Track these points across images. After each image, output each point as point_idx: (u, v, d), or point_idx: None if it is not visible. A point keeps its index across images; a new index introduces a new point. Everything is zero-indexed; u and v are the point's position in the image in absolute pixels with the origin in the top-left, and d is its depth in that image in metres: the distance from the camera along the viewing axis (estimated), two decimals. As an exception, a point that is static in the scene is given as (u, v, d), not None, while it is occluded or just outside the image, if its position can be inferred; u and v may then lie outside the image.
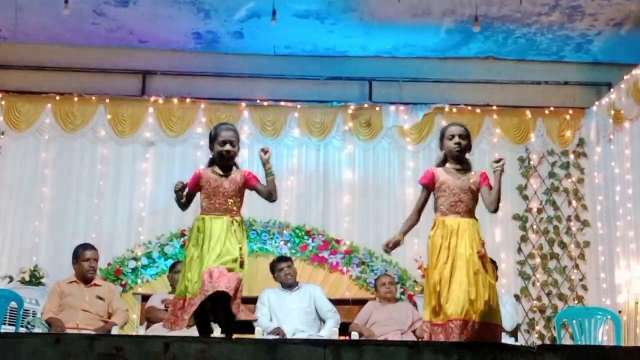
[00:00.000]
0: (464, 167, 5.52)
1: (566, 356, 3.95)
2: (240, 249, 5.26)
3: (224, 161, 5.50)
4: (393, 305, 8.06)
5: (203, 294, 5.03)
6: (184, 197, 5.52)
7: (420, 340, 7.54)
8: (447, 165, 5.54)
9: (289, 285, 7.92)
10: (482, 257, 5.20)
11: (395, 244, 5.44)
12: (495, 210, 5.40)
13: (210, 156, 5.60)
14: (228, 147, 5.46)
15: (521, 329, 9.14)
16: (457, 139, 5.53)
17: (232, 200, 5.41)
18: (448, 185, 5.38)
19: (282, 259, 8.22)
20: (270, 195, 5.61)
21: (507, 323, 7.34)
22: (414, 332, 7.85)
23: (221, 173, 5.47)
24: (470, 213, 5.35)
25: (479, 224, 5.39)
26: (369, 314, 7.98)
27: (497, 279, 5.38)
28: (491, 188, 5.42)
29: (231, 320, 5.14)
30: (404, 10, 8.91)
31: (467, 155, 5.66)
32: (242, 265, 5.23)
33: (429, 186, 5.47)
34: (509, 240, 9.67)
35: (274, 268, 8.03)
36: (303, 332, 7.58)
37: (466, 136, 5.57)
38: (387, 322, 7.81)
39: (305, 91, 9.96)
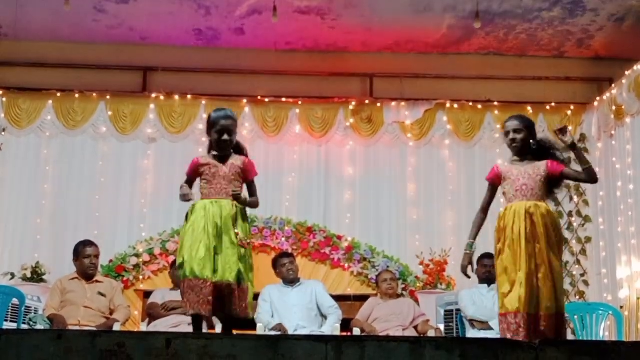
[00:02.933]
0: (528, 158, 5.48)
1: (567, 352, 3.94)
2: (237, 234, 5.26)
3: (222, 150, 5.45)
4: (394, 301, 8.05)
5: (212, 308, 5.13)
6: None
7: (421, 335, 7.55)
8: (512, 158, 5.55)
9: (291, 281, 7.93)
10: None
11: (470, 261, 5.44)
12: (595, 180, 5.60)
13: (209, 140, 5.54)
14: (225, 136, 5.40)
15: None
16: (511, 135, 5.51)
17: (232, 185, 5.37)
18: (512, 172, 5.41)
19: (284, 254, 8.23)
20: (254, 203, 5.58)
21: None
22: (415, 327, 7.85)
23: (220, 159, 5.43)
24: (537, 197, 5.33)
25: (548, 206, 5.39)
26: (371, 310, 7.98)
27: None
28: (567, 171, 5.49)
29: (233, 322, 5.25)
30: (405, 5, 8.91)
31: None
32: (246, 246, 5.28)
33: (495, 181, 5.50)
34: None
35: (275, 264, 8.04)
36: (304, 328, 7.59)
37: (521, 129, 5.50)
38: (388, 318, 7.81)
39: (306, 87, 9.95)
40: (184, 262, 5.20)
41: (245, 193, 5.53)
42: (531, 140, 5.51)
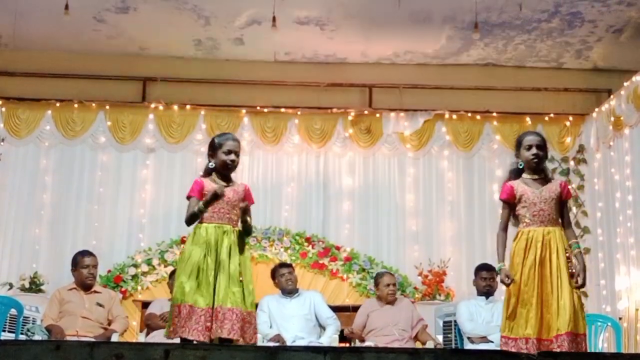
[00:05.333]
0: (542, 176, 5.42)
1: (566, 363, 3.94)
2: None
3: (228, 171, 5.46)
4: (392, 307, 7.94)
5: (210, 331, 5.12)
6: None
7: (422, 344, 7.53)
8: (524, 175, 5.44)
9: (289, 291, 7.91)
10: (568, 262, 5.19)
11: (508, 275, 5.31)
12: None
13: (211, 165, 5.49)
14: (233, 156, 5.42)
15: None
16: (534, 150, 5.38)
17: (235, 210, 5.38)
18: (528, 196, 5.31)
19: (283, 265, 8.21)
20: (249, 229, 5.54)
21: None
22: (416, 336, 7.77)
23: (223, 183, 5.43)
24: (554, 222, 5.30)
25: (562, 230, 5.33)
26: (366, 317, 7.89)
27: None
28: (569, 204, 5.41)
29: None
30: (404, 16, 8.91)
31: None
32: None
33: (510, 200, 5.39)
34: (509, 246, 9.64)
35: (274, 274, 8.02)
36: (303, 338, 7.57)
37: (543, 145, 5.43)
38: (387, 331, 7.71)
39: (305, 97, 9.97)
40: (182, 288, 5.18)
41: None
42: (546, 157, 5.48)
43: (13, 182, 9.56)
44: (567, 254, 5.20)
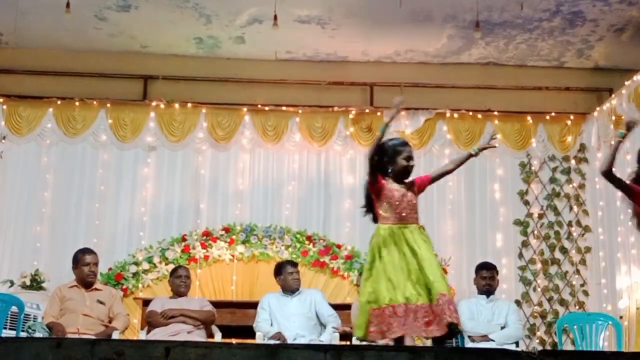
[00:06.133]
0: None
1: (567, 361, 3.93)
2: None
3: (405, 176, 5.53)
4: None
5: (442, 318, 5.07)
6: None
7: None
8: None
9: (292, 289, 7.91)
10: None
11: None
12: None
13: (389, 169, 5.52)
14: (412, 162, 5.54)
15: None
16: None
17: (416, 209, 5.46)
18: None
19: (291, 262, 8.17)
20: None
21: (514, 333, 7.34)
22: None
23: (399, 185, 5.48)
24: None
25: None
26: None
27: None
28: None
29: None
30: (405, 15, 8.91)
31: None
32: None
33: (628, 190, 5.57)
34: (510, 245, 9.68)
35: (281, 270, 7.98)
36: (303, 336, 7.58)
37: None
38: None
39: (306, 96, 9.96)
40: (390, 290, 5.17)
41: None
42: None
43: (14, 180, 9.57)
44: None
